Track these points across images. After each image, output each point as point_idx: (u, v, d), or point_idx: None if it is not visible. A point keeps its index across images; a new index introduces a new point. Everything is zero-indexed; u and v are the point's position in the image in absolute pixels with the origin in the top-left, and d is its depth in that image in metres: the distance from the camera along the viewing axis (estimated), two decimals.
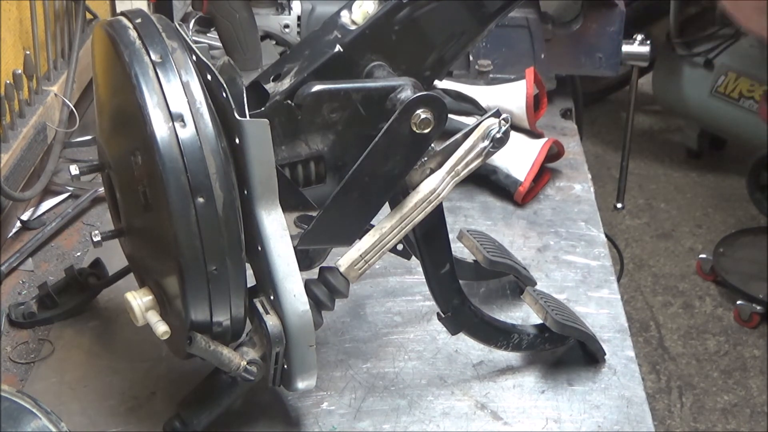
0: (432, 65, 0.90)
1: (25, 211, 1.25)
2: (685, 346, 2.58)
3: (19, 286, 1.12)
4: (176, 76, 0.78)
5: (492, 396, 0.95)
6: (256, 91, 0.88)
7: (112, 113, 0.87)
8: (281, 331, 0.82)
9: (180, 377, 0.95)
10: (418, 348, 1.02)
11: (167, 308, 0.84)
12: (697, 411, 2.37)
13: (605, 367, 1.00)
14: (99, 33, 0.85)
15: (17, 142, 1.16)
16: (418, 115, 0.83)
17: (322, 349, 1.00)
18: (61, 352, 1.01)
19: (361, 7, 0.88)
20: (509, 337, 0.97)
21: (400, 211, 0.88)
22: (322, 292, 0.87)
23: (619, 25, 1.47)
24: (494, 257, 1.04)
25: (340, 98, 0.85)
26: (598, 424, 0.92)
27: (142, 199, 0.81)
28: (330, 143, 0.88)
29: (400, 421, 0.92)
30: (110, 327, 1.05)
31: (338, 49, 0.86)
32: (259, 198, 0.80)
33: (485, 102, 1.40)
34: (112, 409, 0.93)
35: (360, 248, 0.88)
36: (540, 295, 0.99)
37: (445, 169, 0.88)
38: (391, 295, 1.10)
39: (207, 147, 0.76)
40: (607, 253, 1.19)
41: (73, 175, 0.90)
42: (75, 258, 1.18)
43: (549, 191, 1.32)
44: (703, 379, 2.46)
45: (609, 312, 1.08)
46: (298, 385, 0.85)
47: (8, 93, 1.14)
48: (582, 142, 1.49)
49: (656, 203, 3.21)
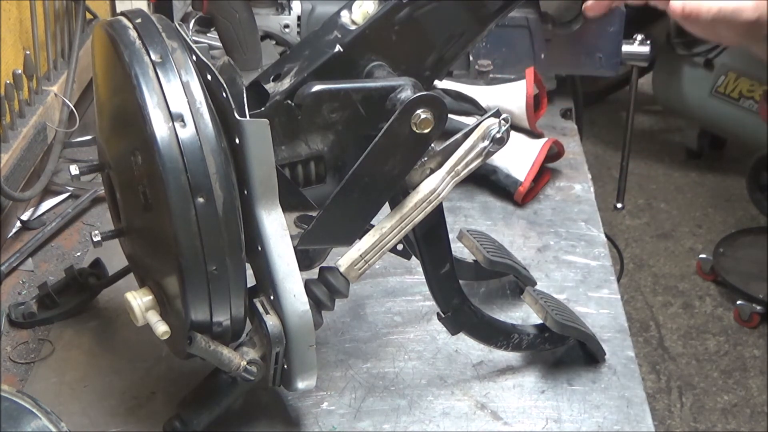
0: (432, 65, 0.90)
1: (25, 211, 1.25)
2: (685, 346, 2.58)
3: (19, 286, 1.12)
4: (176, 76, 0.78)
5: (492, 396, 0.95)
6: (256, 91, 0.88)
7: (112, 113, 0.87)
8: (281, 331, 0.82)
9: (180, 377, 0.95)
10: (418, 348, 1.02)
11: (167, 308, 0.84)
12: (697, 411, 2.37)
13: (605, 367, 1.00)
14: (99, 33, 0.85)
15: (17, 142, 1.16)
16: (418, 115, 0.83)
17: (322, 349, 1.00)
18: (61, 352, 1.01)
19: (361, 7, 0.88)
20: (509, 337, 0.97)
21: (400, 211, 0.88)
22: (322, 292, 0.87)
23: (619, 25, 1.47)
24: (494, 257, 1.04)
25: (340, 98, 0.85)
26: (598, 424, 0.92)
27: (142, 199, 0.81)
28: (330, 143, 0.88)
29: (400, 421, 0.92)
30: (110, 327, 1.05)
31: (338, 49, 0.86)
32: (259, 198, 0.80)
33: (485, 102, 1.40)
34: (112, 409, 0.93)
35: (360, 248, 0.88)
36: (540, 295, 0.99)
37: (445, 169, 0.88)
38: (391, 295, 1.10)
39: (207, 147, 0.76)
40: (607, 253, 1.19)
41: (73, 175, 0.90)
42: (75, 258, 1.18)
43: (549, 191, 1.32)
44: (703, 379, 2.47)
45: (609, 312, 1.08)
46: (298, 385, 0.85)
47: (8, 93, 1.15)
48: (582, 142, 1.49)
49: (656, 203, 3.21)
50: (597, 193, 1.34)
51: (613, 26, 1.47)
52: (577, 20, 1.45)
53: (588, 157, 1.45)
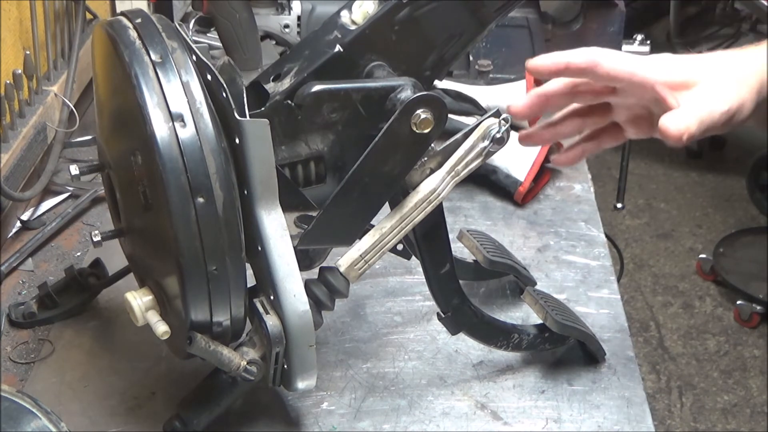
0: (432, 65, 0.90)
1: (25, 211, 1.25)
2: (685, 346, 2.58)
3: (19, 286, 1.12)
4: (176, 76, 0.78)
5: (492, 396, 0.95)
6: (256, 91, 0.88)
7: (112, 113, 0.87)
8: (281, 331, 0.82)
9: (180, 377, 0.95)
10: (418, 348, 1.02)
11: (167, 308, 0.84)
12: (697, 411, 2.37)
13: (605, 367, 1.00)
14: (99, 33, 0.85)
15: (17, 142, 1.16)
16: (418, 115, 0.83)
17: (322, 349, 1.00)
18: (61, 352, 1.01)
19: (361, 7, 0.88)
20: (509, 337, 0.97)
21: (400, 211, 0.88)
22: (322, 292, 0.87)
23: (619, 25, 1.47)
24: (494, 257, 1.04)
25: (340, 98, 0.85)
26: (598, 424, 0.92)
27: (142, 199, 0.81)
28: (330, 143, 0.88)
29: (400, 421, 0.92)
30: (110, 327, 1.05)
31: (338, 49, 0.86)
32: (259, 198, 0.80)
33: (485, 102, 1.40)
34: (112, 409, 0.93)
35: (360, 248, 0.88)
36: (540, 295, 0.99)
37: (445, 169, 0.88)
38: (391, 295, 1.10)
39: (207, 147, 0.76)
40: (607, 253, 1.19)
41: (73, 175, 0.90)
42: (75, 258, 1.18)
43: (549, 191, 1.32)
44: (703, 379, 2.47)
45: (609, 312, 1.08)
46: (298, 385, 0.85)
47: (8, 93, 1.14)
48: None
49: (656, 203, 3.21)
50: (597, 193, 1.34)
51: (613, 26, 1.47)
52: (577, 20, 1.46)
53: (588, 157, 1.45)
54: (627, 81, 0.84)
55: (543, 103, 0.91)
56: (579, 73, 0.85)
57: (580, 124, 0.93)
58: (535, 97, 0.91)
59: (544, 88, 0.90)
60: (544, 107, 0.91)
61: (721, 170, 3.35)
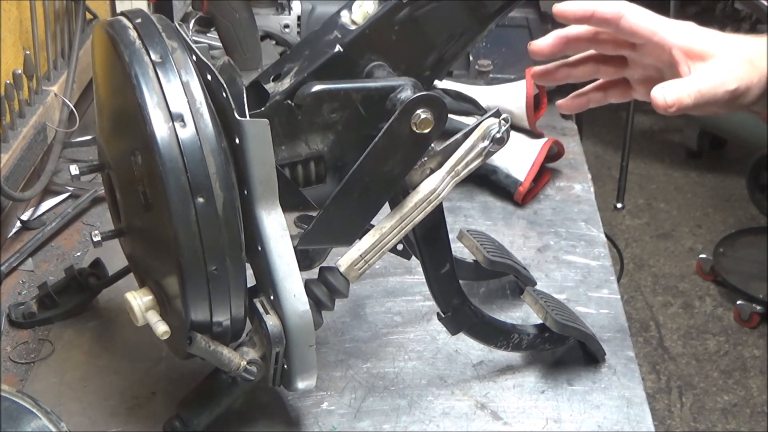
0: (432, 65, 0.90)
1: (25, 211, 1.25)
2: (685, 346, 2.59)
3: (19, 286, 1.12)
4: (176, 76, 0.78)
5: (492, 396, 0.95)
6: (256, 91, 0.88)
7: (112, 113, 0.87)
8: (281, 331, 0.82)
9: (180, 377, 0.95)
10: (418, 348, 1.02)
11: (167, 308, 0.84)
12: (697, 411, 2.37)
13: (605, 367, 1.00)
14: (99, 33, 0.85)
15: (17, 142, 1.16)
16: (418, 115, 0.83)
17: (322, 349, 1.00)
18: (61, 352, 1.01)
19: (361, 7, 0.88)
20: (509, 337, 0.97)
21: (400, 211, 0.88)
22: (322, 292, 0.87)
23: None
24: (494, 257, 1.04)
25: (340, 98, 0.85)
26: (598, 424, 0.92)
27: (142, 199, 0.81)
28: (330, 143, 0.88)
29: (400, 421, 0.92)
30: (110, 327, 1.05)
31: (338, 49, 0.86)
32: (259, 198, 0.80)
33: (485, 102, 1.40)
34: (112, 409, 0.93)
35: (360, 248, 0.88)
36: (540, 295, 0.99)
37: (445, 169, 0.88)
38: (391, 295, 1.10)
39: (207, 147, 0.76)
40: (607, 253, 1.19)
41: (73, 175, 0.90)
42: (75, 258, 1.18)
43: (549, 191, 1.32)
44: (703, 379, 2.47)
45: (609, 312, 1.08)
46: (298, 385, 0.85)
47: (8, 93, 1.14)
48: (582, 142, 1.49)
49: (656, 203, 3.21)
50: (597, 193, 1.34)
51: None
52: None
53: (588, 157, 1.45)
54: (647, 39, 0.86)
55: (564, 44, 0.92)
56: (604, 23, 0.87)
57: (593, 70, 0.95)
58: (557, 38, 0.92)
59: (567, 31, 0.92)
60: (564, 49, 0.93)
61: (721, 170, 3.35)
